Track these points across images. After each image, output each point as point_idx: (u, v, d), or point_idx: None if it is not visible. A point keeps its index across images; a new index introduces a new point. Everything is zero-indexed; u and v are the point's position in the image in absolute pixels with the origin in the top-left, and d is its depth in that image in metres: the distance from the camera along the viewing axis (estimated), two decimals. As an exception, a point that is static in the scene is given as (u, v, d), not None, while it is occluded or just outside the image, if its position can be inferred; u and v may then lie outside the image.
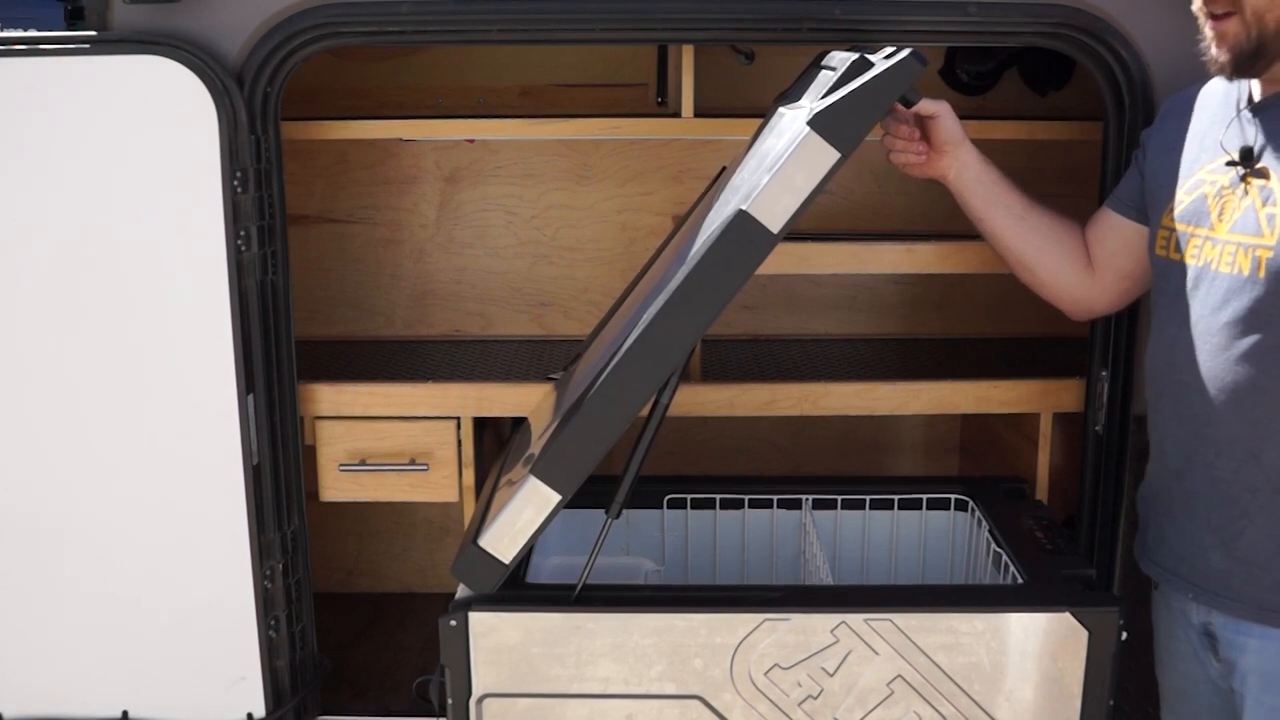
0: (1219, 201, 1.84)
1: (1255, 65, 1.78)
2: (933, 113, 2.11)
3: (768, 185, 1.74)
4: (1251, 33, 1.74)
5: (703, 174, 3.08)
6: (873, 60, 1.81)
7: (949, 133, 2.13)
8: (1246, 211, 1.80)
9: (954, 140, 2.13)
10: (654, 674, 1.95)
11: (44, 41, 2.22)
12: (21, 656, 2.48)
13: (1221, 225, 1.83)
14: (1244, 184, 1.81)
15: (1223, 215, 1.83)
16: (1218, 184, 1.85)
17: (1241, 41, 1.75)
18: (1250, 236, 1.78)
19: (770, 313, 3.18)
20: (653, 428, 1.93)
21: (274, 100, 2.30)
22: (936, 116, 2.12)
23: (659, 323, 1.79)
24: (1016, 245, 2.18)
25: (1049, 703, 1.94)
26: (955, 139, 2.13)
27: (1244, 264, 1.78)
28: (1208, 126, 1.94)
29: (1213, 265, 1.83)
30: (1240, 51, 1.76)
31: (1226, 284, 1.80)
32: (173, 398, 2.36)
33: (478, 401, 2.63)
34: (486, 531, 1.91)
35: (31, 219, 2.28)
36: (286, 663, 2.50)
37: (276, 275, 2.38)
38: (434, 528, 3.33)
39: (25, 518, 2.41)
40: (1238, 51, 1.76)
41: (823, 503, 2.43)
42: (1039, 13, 2.26)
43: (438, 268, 3.15)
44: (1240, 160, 1.82)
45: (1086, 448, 2.46)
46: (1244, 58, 1.77)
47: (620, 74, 3.05)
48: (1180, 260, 1.90)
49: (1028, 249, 2.18)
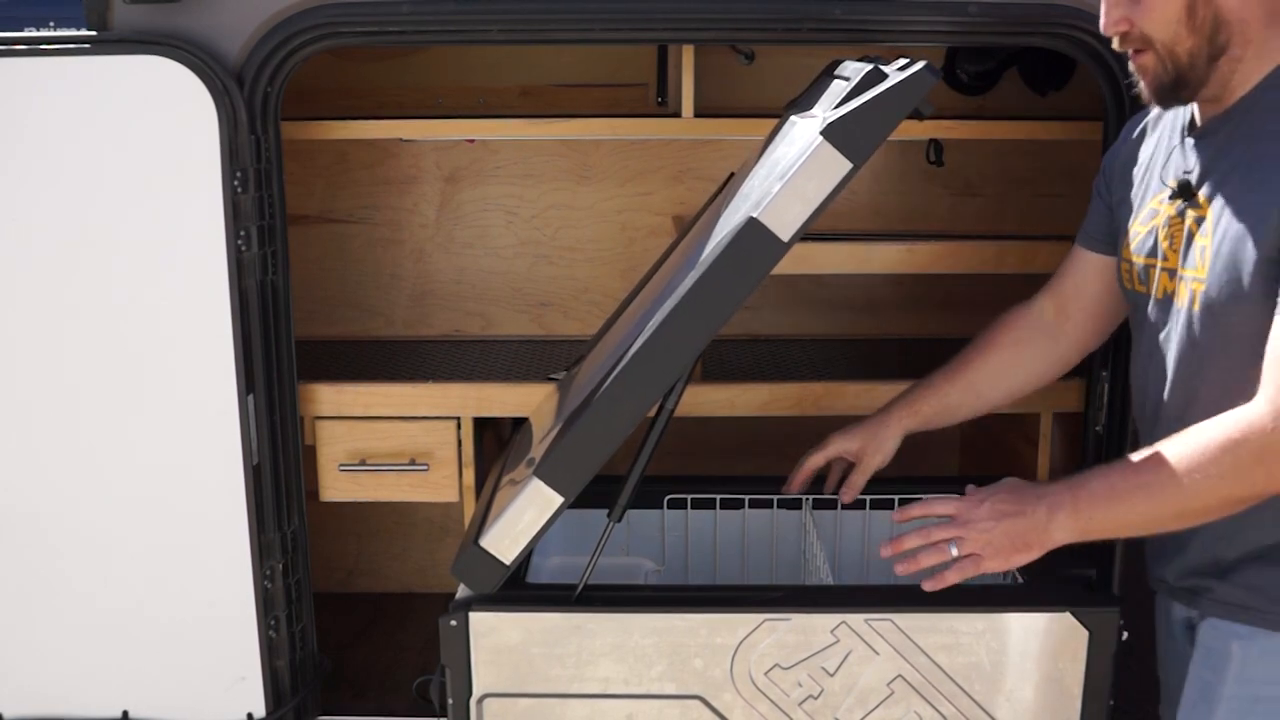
0: (1168, 232, 1.84)
1: (1179, 95, 1.78)
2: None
3: (779, 193, 1.74)
4: (1167, 65, 1.75)
5: (703, 174, 3.08)
6: (886, 71, 1.81)
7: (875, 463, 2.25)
8: (1186, 242, 1.80)
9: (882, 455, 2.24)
10: (654, 674, 1.95)
11: (44, 41, 2.22)
12: (21, 657, 2.48)
13: (1175, 256, 1.83)
14: (1184, 216, 1.81)
15: (1174, 246, 1.83)
16: (1165, 215, 1.86)
17: (1160, 75, 1.76)
18: (1192, 270, 1.78)
19: (770, 313, 3.18)
20: (657, 432, 1.93)
21: (274, 100, 2.30)
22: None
23: (667, 327, 1.79)
24: (993, 400, 2.22)
25: (1049, 703, 1.95)
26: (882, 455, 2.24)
27: (1188, 297, 1.79)
28: (1153, 153, 1.94)
29: (1167, 295, 1.84)
30: (1160, 84, 1.77)
31: (1182, 317, 1.81)
32: (173, 398, 2.36)
33: (478, 401, 2.63)
34: (488, 532, 1.91)
35: (31, 219, 2.28)
36: (286, 663, 2.50)
37: (276, 275, 2.38)
38: (434, 528, 3.33)
39: (25, 518, 2.41)
40: (1158, 84, 1.77)
41: (823, 503, 2.43)
42: (1039, 13, 2.26)
43: (438, 268, 3.15)
44: (1179, 193, 1.81)
45: (1086, 448, 2.47)
46: (1165, 90, 1.77)
47: (620, 74, 3.05)
48: (1145, 292, 1.91)
49: (1000, 394, 2.22)
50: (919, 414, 2.21)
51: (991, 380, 2.20)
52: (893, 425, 2.21)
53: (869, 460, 2.23)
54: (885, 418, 2.23)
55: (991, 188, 3.13)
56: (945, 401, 2.20)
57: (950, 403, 2.20)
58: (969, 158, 3.10)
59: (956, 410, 2.21)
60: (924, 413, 2.21)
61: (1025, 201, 3.13)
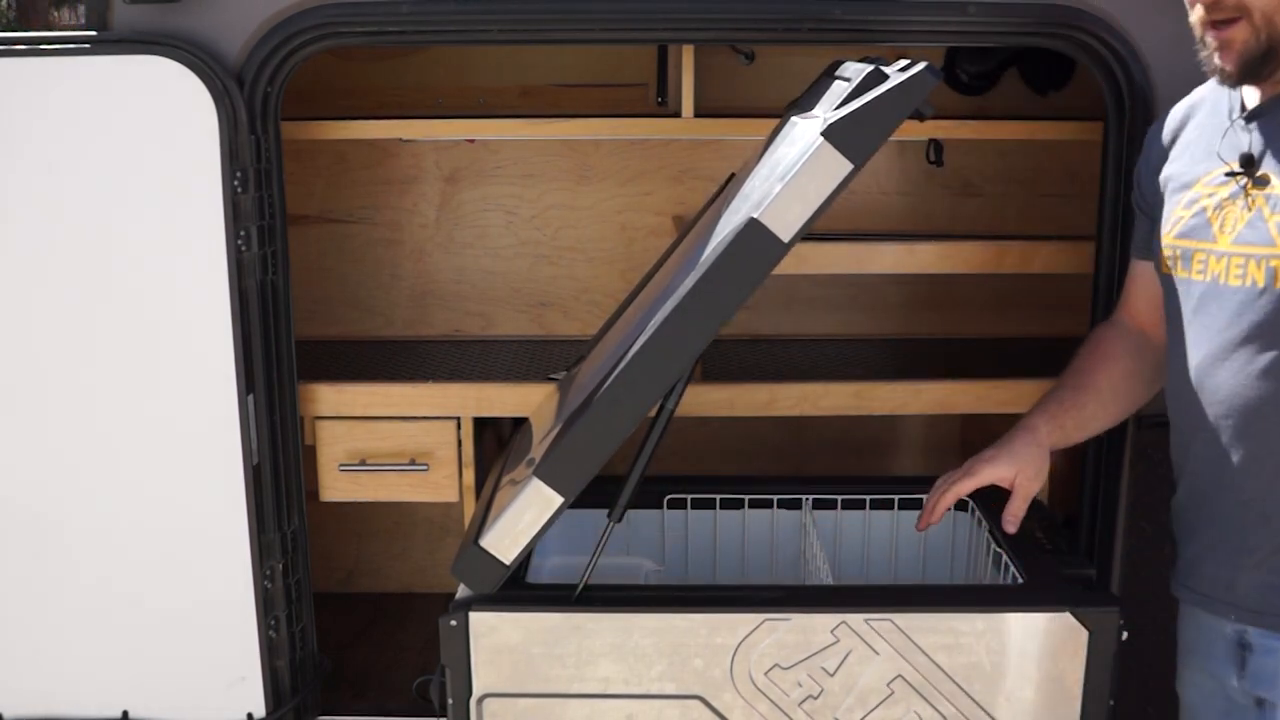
0: (1219, 214, 1.81)
1: (1263, 69, 1.75)
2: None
3: (780, 194, 1.74)
4: (1261, 35, 1.71)
5: (703, 174, 3.08)
6: (887, 72, 1.81)
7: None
8: (1252, 222, 1.76)
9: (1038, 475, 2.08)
10: (654, 674, 1.95)
11: (44, 41, 2.22)
12: (21, 656, 2.48)
13: (1224, 238, 1.79)
14: (1246, 194, 1.78)
15: (1224, 228, 1.80)
16: (1217, 196, 1.82)
17: (1251, 46, 1.72)
18: (1261, 247, 1.74)
19: (770, 313, 3.18)
20: (657, 432, 1.93)
21: (274, 100, 2.30)
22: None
23: (667, 327, 1.79)
24: (1121, 410, 2.11)
25: (1049, 703, 1.94)
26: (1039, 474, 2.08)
27: (1257, 276, 1.74)
28: (1195, 139, 1.91)
29: (1220, 280, 1.79)
30: (1249, 56, 1.73)
31: (1238, 298, 1.76)
32: (173, 397, 2.36)
33: (478, 401, 2.63)
34: (488, 532, 1.91)
35: (30, 219, 2.28)
36: (286, 663, 2.50)
37: (276, 275, 2.38)
38: (434, 528, 3.33)
39: (25, 517, 2.41)
40: (1247, 56, 1.73)
41: (823, 503, 2.43)
42: (1039, 13, 2.26)
43: (438, 268, 3.15)
44: (1242, 168, 1.78)
45: (1087, 448, 2.46)
46: (1253, 62, 1.73)
47: (620, 74, 3.05)
48: (1187, 277, 1.86)
49: (1127, 403, 2.11)
50: (1063, 428, 2.06)
51: (1118, 390, 2.08)
52: (1044, 444, 2.05)
53: (1028, 486, 2.05)
54: (1034, 436, 2.05)
55: (991, 188, 3.13)
56: (1083, 414, 2.07)
57: (1086, 415, 2.07)
58: (969, 158, 3.10)
59: (1091, 422, 2.09)
60: (1067, 427, 2.06)
61: (1025, 201, 3.13)
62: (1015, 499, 2.06)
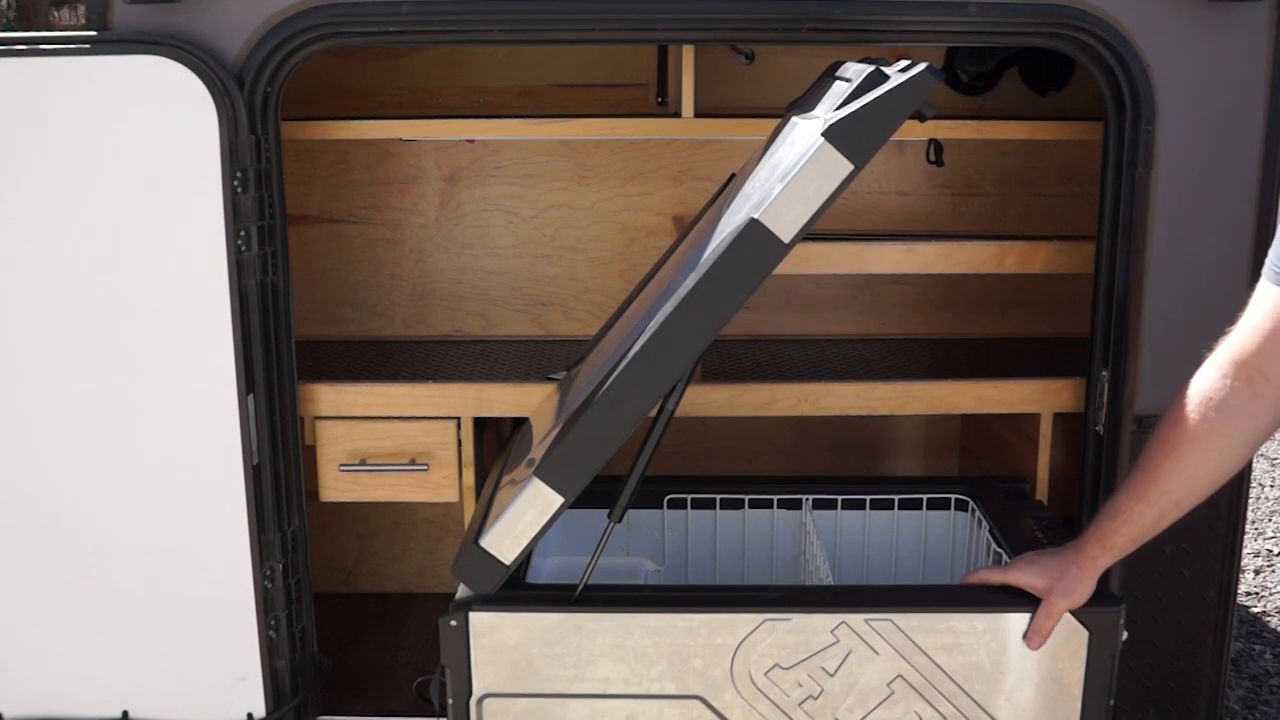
0: None
1: None
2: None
3: (780, 195, 1.74)
4: None
5: (703, 174, 3.08)
6: (888, 73, 1.81)
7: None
8: None
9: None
10: (654, 674, 1.95)
11: (44, 41, 2.22)
12: (21, 656, 2.48)
13: None
14: None
15: None
16: None
17: None
18: None
19: (770, 313, 3.18)
20: (658, 433, 1.93)
21: (274, 100, 2.30)
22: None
23: (668, 328, 1.79)
24: (1194, 502, 1.89)
25: (1049, 703, 1.95)
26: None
27: None
28: None
29: None
30: None
31: None
32: (173, 398, 2.36)
33: (478, 401, 2.63)
34: (488, 532, 1.91)
35: (31, 219, 2.28)
36: (286, 663, 2.50)
37: (276, 275, 2.38)
38: (434, 528, 3.33)
39: (25, 517, 2.41)
40: None
41: (823, 503, 2.43)
42: (1039, 13, 2.26)
43: (438, 268, 3.15)
44: None
45: (1086, 448, 2.46)
46: None
47: (620, 74, 3.05)
48: None
49: (1199, 495, 1.88)
50: (1114, 548, 1.91)
51: (1189, 485, 1.86)
52: (1087, 566, 1.92)
53: (1056, 603, 1.93)
54: (1078, 557, 1.93)
55: (991, 188, 3.13)
56: (1141, 524, 1.89)
57: (1147, 523, 1.89)
58: (969, 158, 3.10)
59: (1154, 528, 1.90)
60: (1119, 545, 1.91)
61: (1025, 201, 3.13)
62: (1041, 615, 1.94)
